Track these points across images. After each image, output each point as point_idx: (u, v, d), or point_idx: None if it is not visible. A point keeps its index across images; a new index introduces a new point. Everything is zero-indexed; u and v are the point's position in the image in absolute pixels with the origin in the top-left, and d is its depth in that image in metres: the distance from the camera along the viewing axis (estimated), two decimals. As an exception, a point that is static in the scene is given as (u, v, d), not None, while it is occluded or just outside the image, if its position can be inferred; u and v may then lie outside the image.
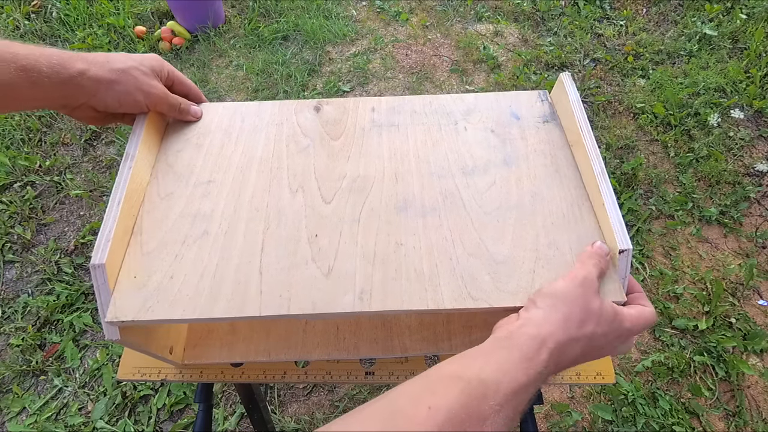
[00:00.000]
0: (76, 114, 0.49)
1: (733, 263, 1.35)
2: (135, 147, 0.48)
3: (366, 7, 2.17)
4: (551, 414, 1.14)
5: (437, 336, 0.55)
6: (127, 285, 0.43)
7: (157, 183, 0.50)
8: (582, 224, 0.46)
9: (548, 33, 2.02)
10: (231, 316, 0.41)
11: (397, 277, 0.43)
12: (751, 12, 1.95)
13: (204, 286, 0.43)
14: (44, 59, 0.43)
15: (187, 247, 0.45)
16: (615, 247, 0.41)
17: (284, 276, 0.43)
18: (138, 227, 0.47)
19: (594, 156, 0.47)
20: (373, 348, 0.54)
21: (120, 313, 0.41)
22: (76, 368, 1.24)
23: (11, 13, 2.09)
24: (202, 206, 0.48)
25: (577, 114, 0.51)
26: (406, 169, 0.51)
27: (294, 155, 0.53)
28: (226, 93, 1.82)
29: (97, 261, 0.40)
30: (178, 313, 0.41)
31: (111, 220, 0.43)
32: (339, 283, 0.43)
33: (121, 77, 0.47)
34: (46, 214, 1.52)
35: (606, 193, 0.44)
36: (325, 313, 0.42)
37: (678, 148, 1.60)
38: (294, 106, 0.58)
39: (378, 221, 0.47)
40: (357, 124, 0.56)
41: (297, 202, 0.49)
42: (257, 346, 0.55)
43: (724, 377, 1.17)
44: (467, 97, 0.59)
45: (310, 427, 1.13)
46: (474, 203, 0.48)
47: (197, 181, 0.50)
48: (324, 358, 0.54)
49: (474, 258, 0.44)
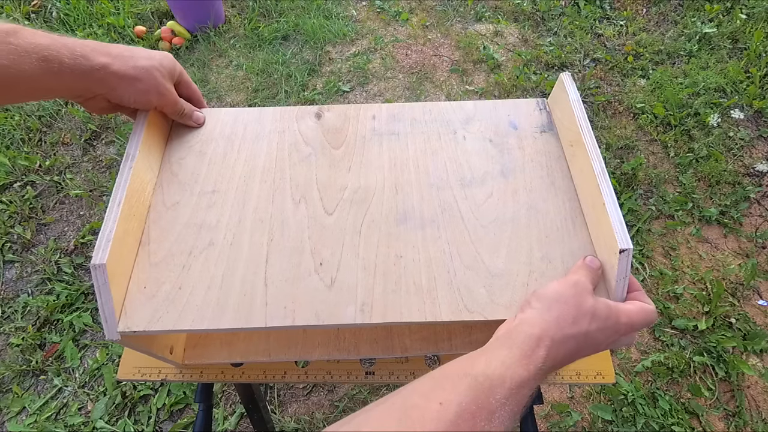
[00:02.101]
0: (88, 104, 0.49)
1: (733, 263, 1.35)
2: (136, 147, 0.49)
3: (366, 7, 2.17)
4: (551, 414, 1.14)
5: (437, 336, 0.55)
6: (137, 295, 0.44)
7: (162, 192, 0.51)
8: (575, 238, 0.47)
9: (548, 33, 2.02)
10: (238, 327, 0.42)
11: (396, 290, 0.44)
12: (751, 12, 1.95)
13: (211, 297, 0.44)
14: (66, 50, 0.42)
15: (193, 257, 0.46)
16: (615, 246, 0.41)
17: (288, 287, 0.44)
18: (146, 237, 0.47)
19: (594, 155, 0.48)
20: (373, 348, 0.55)
21: (131, 323, 0.42)
22: (76, 368, 1.24)
23: (11, 12, 2.09)
24: (208, 216, 0.49)
25: (577, 113, 0.51)
26: (405, 179, 0.52)
27: (296, 164, 0.53)
28: (226, 93, 1.82)
29: (97, 261, 0.41)
30: (187, 324, 0.42)
31: (111, 221, 0.43)
32: (341, 295, 0.44)
33: (144, 76, 0.48)
34: (46, 213, 1.52)
35: (606, 193, 0.45)
36: (328, 324, 0.43)
37: (678, 148, 1.60)
38: (295, 112, 0.58)
39: (378, 233, 0.48)
40: (358, 133, 0.56)
41: (300, 213, 0.49)
42: (257, 346, 0.55)
43: (724, 377, 1.17)
44: (466, 104, 0.59)
45: (310, 427, 1.13)
46: (471, 215, 0.49)
47: (201, 191, 0.51)
48: (324, 358, 0.55)
49: (471, 271, 0.45)
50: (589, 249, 0.47)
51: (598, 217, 0.45)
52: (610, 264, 0.43)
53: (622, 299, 0.42)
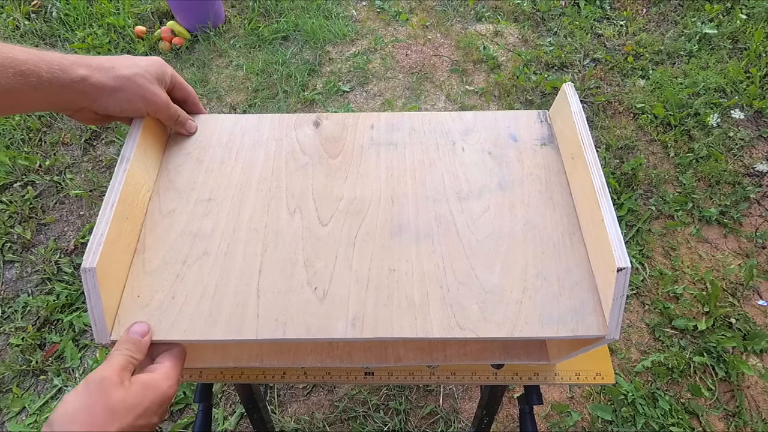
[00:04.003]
0: (77, 116, 0.49)
1: (733, 263, 1.35)
2: (131, 150, 0.48)
3: (366, 7, 2.17)
4: (551, 414, 1.14)
5: (432, 346, 0.55)
6: (130, 304, 0.44)
7: (159, 199, 0.51)
8: (572, 255, 0.47)
9: (548, 33, 2.02)
10: (229, 338, 0.42)
11: (388, 304, 0.44)
12: (751, 12, 1.95)
13: (204, 307, 0.44)
14: (44, 64, 0.42)
15: (188, 266, 0.46)
16: (613, 264, 0.40)
17: (281, 299, 0.44)
18: (141, 245, 0.47)
19: (595, 170, 0.47)
20: (367, 356, 0.54)
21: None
22: (76, 368, 1.24)
23: (11, 12, 2.09)
24: (203, 225, 0.49)
25: (579, 126, 0.50)
26: (402, 191, 0.52)
27: (293, 173, 0.53)
28: (225, 93, 1.82)
29: (88, 264, 0.40)
30: (179, 334, 0.42)
31: (104, 224, 0.43)
32: (333, 308, 0.44)
33: (125, 84, 0.47)
34: (46, 213, 1.52)
35: (606, 209, 0.44)
36: (319, 338, 0.43)
37: (678, 149, 1.60)
38: (294, 119, 0.58)
39: (372, 245, 0.47)
40: (356, 142, 0.56)
41: (295, 224, 0.49)
42: (250, 351, 0.55)
43: (724, 377, 1.17)
44: (466, 115, 0.59)
45: (310, 427, 1.13)
46: (467, 230, 0.49)
47: (198, 199, 0.51)
48: (317, 365, 0.54)
49: (464, 286, 0.45)
50: (586, 266, 0.46)
51: (597, 232, 0.45)
52: (608, 282, 0.42)
53: (618, 319, 0.41)
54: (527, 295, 0.44)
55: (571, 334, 0.42)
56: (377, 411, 1.15)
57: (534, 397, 0.66)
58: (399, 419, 1.13)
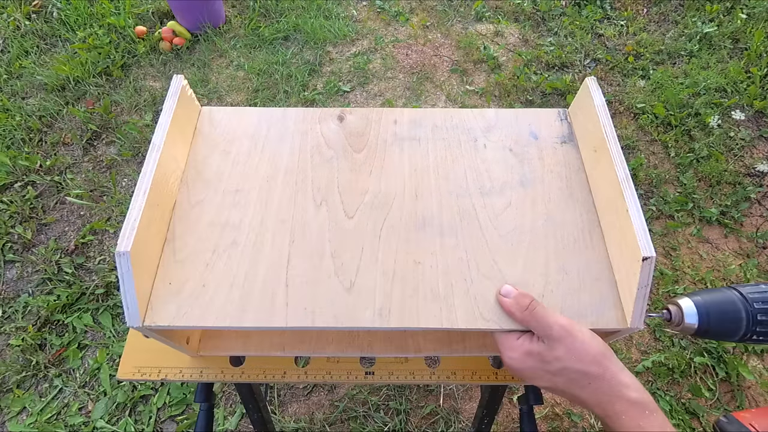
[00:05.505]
0: None
1: (733, 263, 1.35)
2: (161, 138, 0.49)
3: (366, 7, 2.17)
4: (551, 414, 1.14)
5: (451, 338, 0.56)
6: (163, 291, 0.45)
7: (187, 190, 0.52)
8: (592, 250, 0.48)
9: (549, 33, 2.02)
10: (260, 326, 0.43)
11: (414, 295, 0.45)
12: (751, 12, 1.95)
13: (234, 295, 0.45)
14: None
15: (217, 256, 0.47)
16: (638, 253, 0.41)
17: (309, 289, 0.45)
18: (171, 233, 0.48)
19: (618, 162, 0.47)
20: (387, 347, 0.55)
21: (158, 318, 0.43)
22: (77, 368, 1.24)
23: (12, 13, 2.09)
24: (231, 216, 0.50)
25: (602, 119, 0.51)
26: (425, 186, 0.53)
27: (318, 167, 0.54)
28: (226, 93, 1.82)
29: (122, 249, 0.41)
30: (210, 321, 0.43)
31: (137, 209, 0.44)
32: (360, 299, 0.45)
33: None
34: (46, 213, 1.52)
35: (630, 200, 0.45)
36: (347, 327, 0.44)
37: (678, 149, 1.60)
38: (318, 114, 0.59)
39: (397, 239, 0.49)
40: (379, 137, 0.57)
41: (321, 216, 0.50)
42: (272, 340, 0.55)
43: (725, 378, 1.17)
44: (488, 112, 0.60)
45: (310, 427, 1.13)
46: (490, 224, 0.50)
47: (226, 190, 0.52)
48: (338, 355, 0.55)
49: (487, 279, 0.46)
50: (605, 263, 0.47)
51: (621, 224, 0.45)
52: (632, 272, 0.42)
53: (642, 309, 0.42)
54: (549, 289, 0.45)
55: (591, 326, 0.43)
56: (377, 411, 1.15)
57: (534, 397, 0.66)
58: (399, 419, 1.13)
